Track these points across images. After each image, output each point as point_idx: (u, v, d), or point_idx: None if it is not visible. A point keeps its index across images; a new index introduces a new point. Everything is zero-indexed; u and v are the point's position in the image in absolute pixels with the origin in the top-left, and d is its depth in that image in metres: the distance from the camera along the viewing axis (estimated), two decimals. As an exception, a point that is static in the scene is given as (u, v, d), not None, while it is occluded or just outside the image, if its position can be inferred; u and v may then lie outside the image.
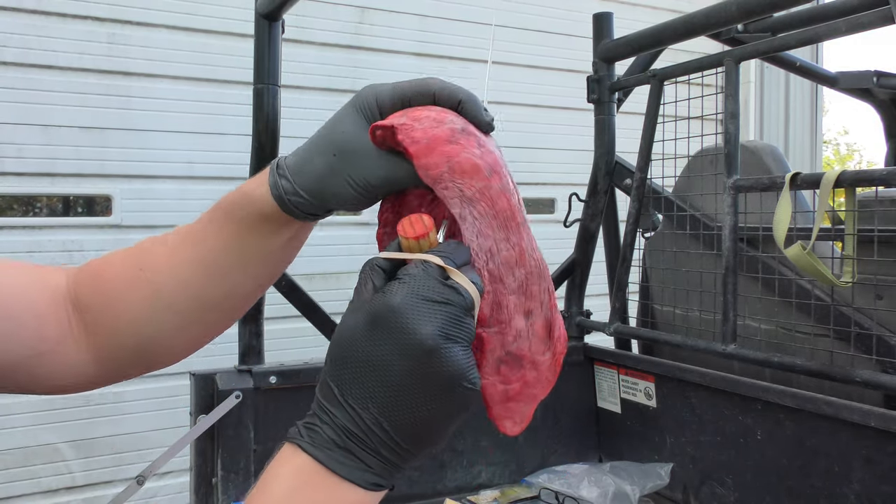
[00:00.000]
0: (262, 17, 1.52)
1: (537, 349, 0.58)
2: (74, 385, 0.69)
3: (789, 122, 4.59)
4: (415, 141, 0.55)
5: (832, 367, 1.29)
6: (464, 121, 0.58)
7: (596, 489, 1.59)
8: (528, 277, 0.58)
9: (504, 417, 0.60)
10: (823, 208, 1.27)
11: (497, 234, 0.56)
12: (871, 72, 2.04)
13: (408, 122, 0.56)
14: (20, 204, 2.81)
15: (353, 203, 0.61)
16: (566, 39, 3.74)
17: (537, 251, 0.59)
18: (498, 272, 0.56)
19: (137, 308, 0.66)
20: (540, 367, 0.59)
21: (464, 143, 0.56)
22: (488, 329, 0.57)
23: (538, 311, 0.58)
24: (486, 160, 0.56)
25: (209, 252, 0.66)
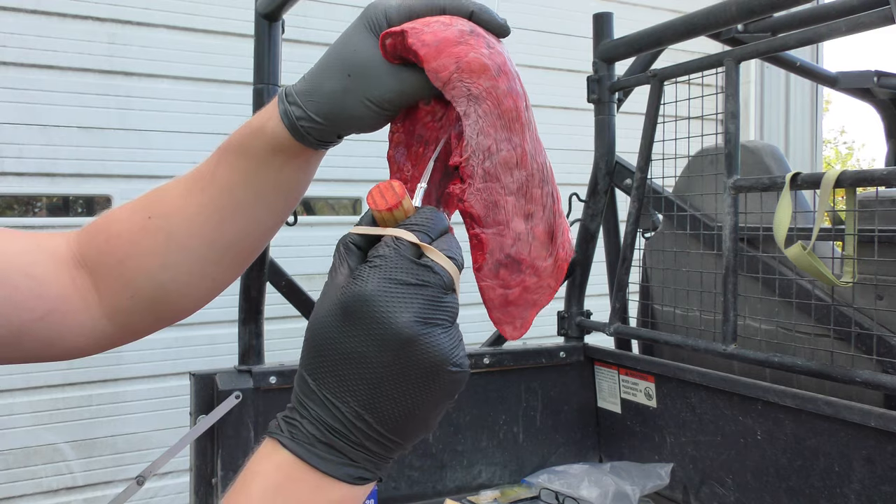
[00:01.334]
0: (262, 17, 1.52)
1: (538, 254, 0.57)
2: (88, 345, 0.67)
3: (789, 122, 4.59)
4: (425, 44, 0.54)
5: (832, 367, 1.29)
6: (473, 24, 0.58)
7: (596, 489, 1.59)
8: (529, 180, 0.57)
9: (504, 322, 0.59)
10: (824, 208, 1.27)
11: (499, 133, 0.56)
12: (872, 72, 2.04)
13: (417, 27, 0.55)
14: (20, 204, 2.81)
15: (369, 123, 0.59)
16: (566, 39, 3.74)
17: (542, 155, 0.58)
18: (494, 171, 0.55)
19: (150, 256, 0.65)
20: (541, 273, 0.58)
21: (473, 43, 0.55)
22: (486, 230, 0.56)
23: (539, 215, 0.57)
24: (494, 60, 0.56)
25: (221, 192, 0.64)
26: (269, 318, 1.70)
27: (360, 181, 3.35)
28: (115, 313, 0.66)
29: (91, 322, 0.66)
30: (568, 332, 1.98)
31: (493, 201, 0.56)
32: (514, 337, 0.59)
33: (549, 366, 1.85)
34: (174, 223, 0.65)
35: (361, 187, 3.36)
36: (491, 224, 0.56)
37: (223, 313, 2.89)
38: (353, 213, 3.42)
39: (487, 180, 0.55)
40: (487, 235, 0.56)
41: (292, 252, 2.97)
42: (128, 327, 0.68)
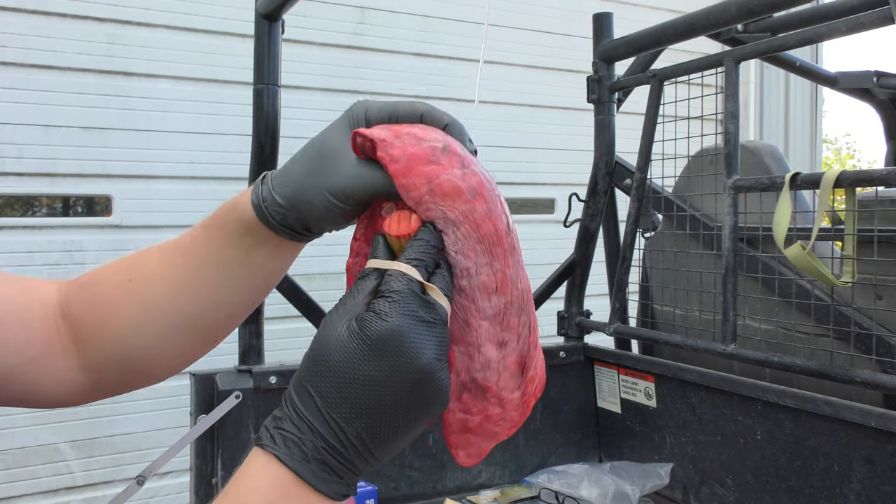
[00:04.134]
0: (262, 17, 1.52)
1: (506, 385, 0.55)
2: (66, 396, 0.68)
3: (789, 122, 4.59)
4: (393, 159, 0.53)
5: (832, 367, 1.29)
6: (447, 139, 0.56)
7: (596, 489, 1.59)
8: (507, 307, 0.54)
9: (458, 447, 0.58)
10: (823, 208, 1.27)
11: (479, 258, 0.53)
12: (871, 72, 2.05)
13: (388, 138, 0.54)
14: (20, 204, 2.81)
15: (328, 215, 0.59)
16: (566, 39, 3.74)
17: (524, 281, 0.56)
18: (471, 292, 0.54)
19: (126, 319, 0.66)
20: (506, 405, 0.56)
21: (445, 163, 0.53)
22: (456, 346, 0.55)
23: (513, 345, 0.55)
24: (468, 182, 0.53)
25: (195, 264, 0.65)
26: (268, 317, 1.70)
27: (360, 181, 3.35)
28: (89, 368, 0.68)
29: (69, 373, 0.67)
30: (568, 332, 1.98)
31: (465, 320, 0.54)
32: (466, 464, 0.58)
33: (548, 366, 1.84)
34: (150, 289, 0.66)
35: (361, 187, 3.35)
36: (460, 342, 0.55)
37: (223, 313, 2.90)
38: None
39: (462, 298, 0.54)
40: (456, 353, 0.55)
41: (292, 252, 2.97)
42: (98, 384, 0.69)
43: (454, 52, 3.55)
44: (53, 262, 2.77)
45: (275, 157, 1.58)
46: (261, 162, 1.57)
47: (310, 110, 3.17)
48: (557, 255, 2.13)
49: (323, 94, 3.23)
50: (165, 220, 2.95)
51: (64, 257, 2.79)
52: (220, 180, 3.03)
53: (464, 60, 3.58)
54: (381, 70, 3.38)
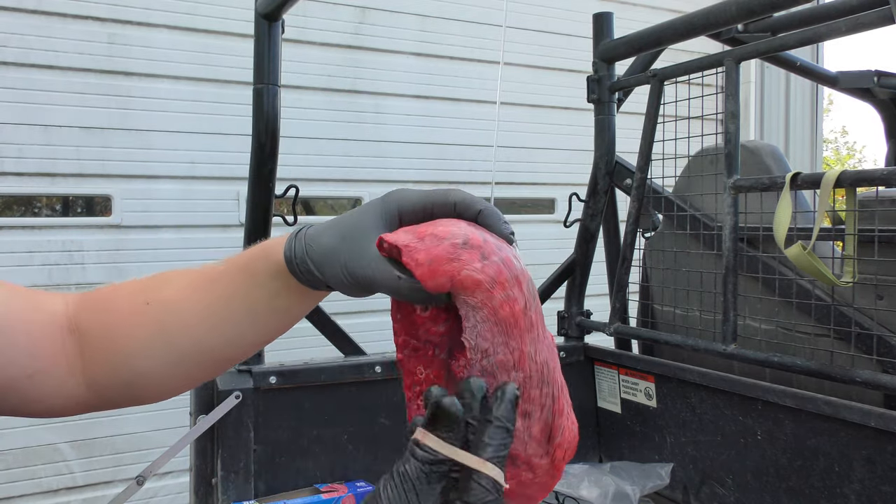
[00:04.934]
0: (262, 17, 1.52)
1: (534, 452, 0.58)
2: (65, 407, 0.69)
3: (789, 122, 4.59)
4: (419, 263, 0.56)
5: (832, 367, 1.29)
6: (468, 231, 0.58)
7: (596, 489, 1.59)
8: (527, 381, 0.57)
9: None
10: (824, 208, 1.27)
11: (496, 338, 0.57)
12: (872, 71, 2.04)
13: (412, 243, 0.57)
14: (20, 204, 2.81)
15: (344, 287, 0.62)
16: (566, 39, 3.74)
17: (543, 354, 0.59)
18: (491, 369, 0.57)
19: (138, 340, 0.67)
20: (536, 469, 0.59)
21: (465, 258, 0.56)
22: None
23: (537, 415, 0.58)
24: (487, 273, 0.56)
25: (218, 300, 0.67)
26: (269, 318, 1.70)
27: (360, 181, 3.35)
28: (92, 383, 0.68)
29: (72, 387, 0.68)
30: (568, 332, 1.98)
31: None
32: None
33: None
34: (169, 315, 0.67)
35: (361, 187, 3.36)
36: None
37: (223, 313, 2.90)
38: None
39: (485, 376, 0.57)
40: None
41: (292, 252, 2.97)
42: (100, 399, 0.70)
43: (454, 51, 3.55)
44: (53, 261, 2.77)
45: (275, 157, 1.58)
46: (261, 162, 1.57)
47: (310, 110, 3.17)
48: (557, 255, 2.13)
49: (323, 94, 3.23)
50: (165, 220, 2.95)
51: (63, 257, 2.79)
52: (220, 180, 3.03)
53: (464, 60, 3.58)
54: (381, 70, 3.38)
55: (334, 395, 1.65)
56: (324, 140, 3.21)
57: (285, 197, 1.68)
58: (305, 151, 3.14)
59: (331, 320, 1.73)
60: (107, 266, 2.86)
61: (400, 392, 0.63)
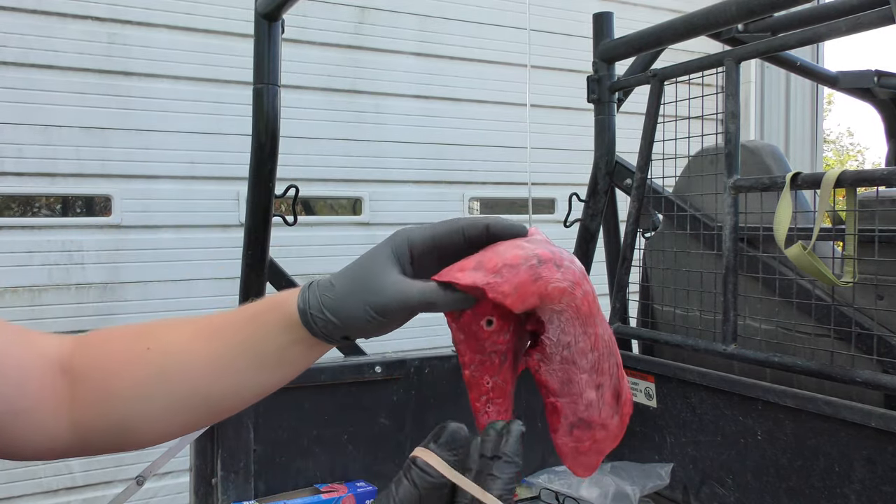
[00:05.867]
0: (262, 17, 1.52)
1: (607, 414, 0.65)
2: (45, 451, 0.68)
3: (790, 122, 4.59)
4: (507, 295, 0.59)
5: (833, 367, 1.29)
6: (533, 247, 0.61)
7: (596, 489, 1.59)
8: (600, 358, 0.64)
9: (576, 467, 0.67)
10: (824, 208, 1.27)
11: (577, 330, 0.62)
12: (872, 71, 2.04)
13: (493, 280, 0.59)
14: (20, 204, 2.81)
15: (367, 327, 0.62)
16: (566, 39, 3.75)
17: (608, 331, 0.65)
18: (571, 357, 0.63)
19: (136, 384, 0.66)
20: (609, 428, 0.66)
21: (546, 275, 0.60)
22: (560, 399, 0.64)
23: (608, 384, 0.65)
24: (567, 278, 0.60)
25: (224, 348, 0.66)
26: (269, 318, 1.70)
27: (360, 181, 3.35)
28: (80, 425, 0.67)
29: (57, 429, 0.67)
30: (568, 332, 1.98)
31: (568, 378, 0.63)
32: (585, 476, 0.68)
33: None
34: (170, 362, 0.66)
35: (361, 187, 3.36)
36: (566, 395, 0.64)
37: (223, 313, 2.89)
38: (353, 213, 3.41)
39: (564, 363, 0.63)
40: (562, 403, 0.64)
41: (292, 252, 2.97)
42: (86, 442, 0.69)
43: (454, 52, 3.55)
44: (53, 261, 2.77)
45: (275, 157, 1.58)
46: (261, 162, 1.57)
47: (309, 110, 3.17)
48: (557, 255, 2.13)
49: (323, 94, 3.23)
50: (165, 220, 2.95)
51: (63, 257, 2.79)
52: (220, 180, 3.03)
53: (464, 60, 3.58)
54: (380, 70, 3.38)
55: (334, 395, 1.65)
56: (324, 140, 3.21)
57: (285, 197, 1.68)
58: (305, 151, 3.14)
59: (331, 320, 1.73)
60: (107, 266, 2.86)
61: (400, 392, 0.64)
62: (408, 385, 1.70)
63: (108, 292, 2.87)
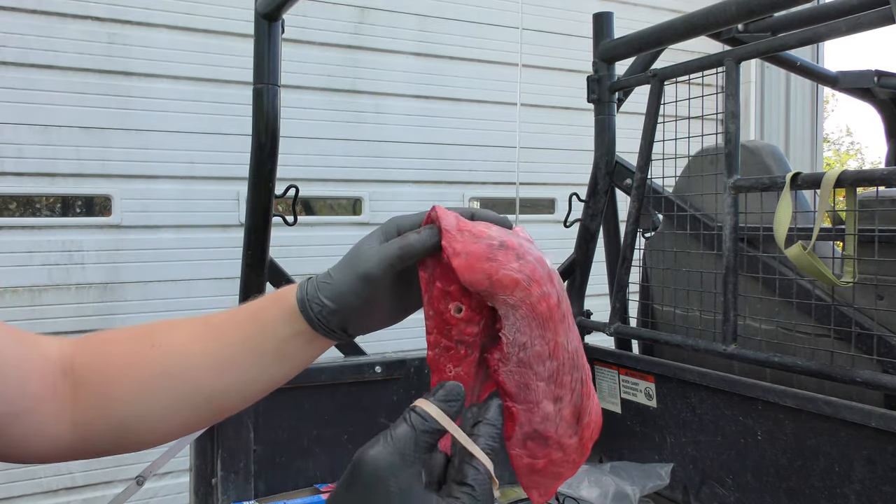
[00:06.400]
0: (262, 17, 1.51)
1: (564, 432, 0.63)
2: (48, 453, 0.68)
3: (790, 122, 4.59)
4: (455, 253, 0.59)
5: (833, 367, 1.29)
6: (503, 234, 0.61)
7: (596, 489, 1.59)
8: (560, 368, 0.62)
9: (530, 488, 0.65)
10: (824, 208, 1.27)
11: (533, 332, 0.61)
12: (872, 71, 2.04)
13: (453, 232, 0.60)
14: (20, 204, 2.81)
15: (357, 301, 0.63)
16: (566, 39, 3.74)
17: (573, 343, 0.64)
18: (528, 360, 0.61)
19: (138, 383, 0.66)
20: (566, 449, 0.64)
21: (502, 258, 0.59)
22: (517, 405, 0.62)
23: (568, 399, 0.63)
24: (524, 272, 0.60)
25: (226, 346, 0.67)
26: (268, 318, 1.69)
27: (360, 181, 3.35)
28: (81, 427, 0.67)
29: (57, 431, 0.67)
30: (568, 332, 1.98)
31: (525, 383, 0.62)
32: (539, 502, 0.66)
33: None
34: (173, 362, 0.67)
35: (361, 187, 3.36)
36: (522, 401, 0.62)
37: (223, 313, 2.89)
38: (353, 213, 3.41)
39: (521, 366, 0.61)
40: (518, 409, 0.62)
41: (292, 252, 2.97)
42: (88, 442, 0.69)
43: (454, 51, 3.55)
44: (53, 261, 2.77)
45: (275, 157, 1.58)
46: (261, 162, 1.57)
47: (309, 110, 3.17)
48: (557, 255, 2.13)
49: (323, 94, 3.23)
50: (165, 220, 2.95)
51: (63, 257, 2.79)
52: (220, 180, 3.03)
53: (464, 60, 3.58)
54: (380, 70, 3.38)
55: (334, 395, 1.65)
56: (324, 140, 3.21)
57: (285, 197, 1.68)
58: (305, 151, 3.14)
59: (331, 320, 1.73)
60: (107, 266, 2.86)
61: (399, 392, 0.64)
62: (408, 385, 1.70)
63: (108, 292, 2.87)
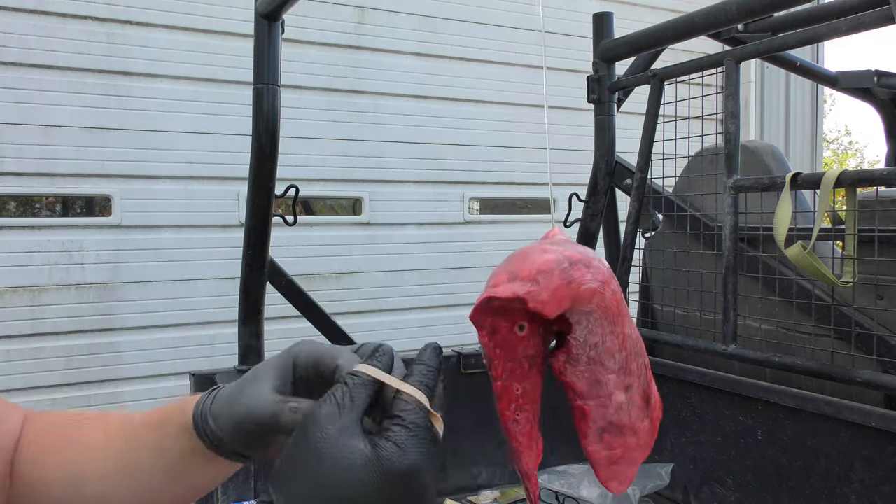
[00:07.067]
0: (262, 17, 1.51)
1: (637, 417, 0.64)
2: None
3: (790, 122, 4.59)
4: (545, 304, 0.57)
5: (833, 367, 1.29)
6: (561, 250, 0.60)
7: (596, 489, 1.59)
8: (628, 358, 0.63)
9: (609, 479, 0.65)
10: (824, 208, 1.27)
11: (605, 329, 0.61)
12: (872, 71, 2.04)
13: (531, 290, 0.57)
14: (19, 204, 2.81)
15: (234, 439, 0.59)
16: (566, 39, 3.74)
17: (636, 331, 0.64)
18: (598, 358, 0.61)
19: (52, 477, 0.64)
20: (640, 433, 0.65)
21: (577, 277, 0.59)
22: (588, 402, 0.62)
23: (636, 385, 0.64)
24: (597, 279, 0.59)
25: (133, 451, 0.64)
26: (268, 318, 1.70)
27: (360, 181, 3.35)
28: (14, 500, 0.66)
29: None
30: (568, 332, 1.98)
31: (595, 380, 0.62)
32: (619, 491, 0.65)
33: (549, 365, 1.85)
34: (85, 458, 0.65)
35: (360, 187, 3.36)
36: (593, 397, 0.62)
37: (223, 313, 2.89)
38: (353, 213, 3.41)
39: (591, 364, 0.61)
40: (590, 406, 0.63)
41: (292, 252, 2.97)
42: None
43: (454, 51, 3.55)
44: (53, 261, 2.77)
45: (274, 157, 1.58)
46: (261, 162, 1.57)
47: (309, 110, 3.17)
48: (557, 255, 2.13)
49: (323, 94, 3.23)
50: (165, 220, 2.95)
51: (63, 257, 2.79)
52: (220, 180, 3.03)
53: (464, 60, 3.58)
54: (380, 70, 3.38)
55: (334, 395, 1.64)
56: (324, 140, 3.21)
57: (285, 197, 1.68)
58: (305, 151, 3.14)
59: (331, 320, 1.73)
60: (107, 266, 2.86)
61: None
62: (408, 385, 1.70)
63: (108, 292, 2.86)
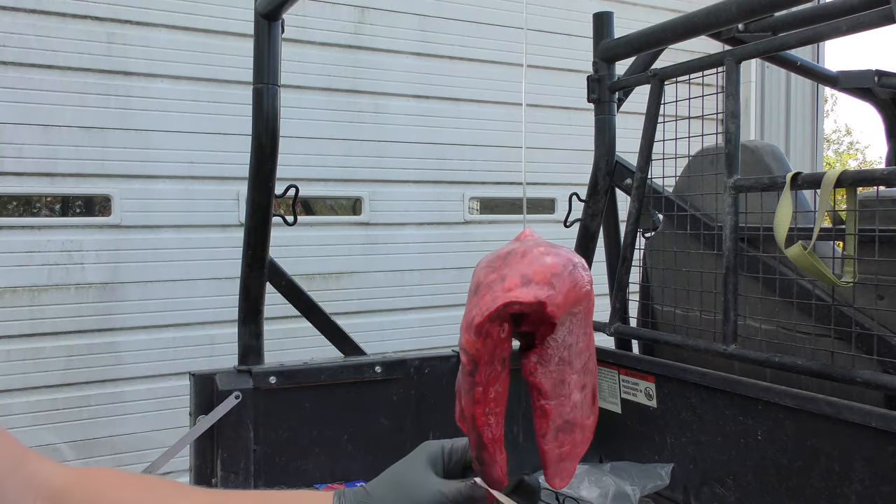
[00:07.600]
0: (262, 17, 1.51)
1: (585, 415, 0.66)
2: None
3: (790, 122, 4.59)
4: (560, 307, 0.59)
5: (833, 367, 1.29)
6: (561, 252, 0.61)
7: (596, 489, 1.59)
8: (590, 357, 0.65)
9: (555, 475, 0.68)
10: (824, 208, 1.27)
11: (581, 329, 0.63)
12: (872, 71, 2.04)
13: (550, 293, 0.59)
14: (19, 204, 2.81)
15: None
16: (566, 39, 3.74)
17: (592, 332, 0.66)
18: (569, 358, 0.63)
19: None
20: (586, 430, 0.67)
21: (579, 279, 0.60)
22: (550, 402, 0.64)
23: (590, 383, 0.66)
24: (588, 280, 0.61)
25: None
26: (268, 318, 1.69)
27: (360, 181, 3.35)
28: None
29: None
30: (568, 332, 1.98)
31: (562, 379, 0.63)
32: (562, 486, 0.68)
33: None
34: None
35: (361, 187, 3.36)
36: (556, 396, 0.64)
37: (223, 313, 2.89)
38: (353, 213, 3.41)
39: (561, 364, 0.62)
40: (552, 406, 0.64)
41: (292, 252, 2.97)
42: None
43: (454, 51, 3.54)
44: (53, 261, 2.77)
45: (275, 157, 1.58)
46: (261, 162, 1.57)
47: (309, 110, 3.17)
48: (557, 255, 2.13)
49: (323, 94, 3.23)
50: (165, 220, 2.95)
51: (63, 257, 2.79)
52: (220, 180, 3.03)
53: (464, 60, 3.58)
54: (380, 70, 3.37)
55: (334, 395, 1.65)
56: (324, 140, 3.21)
57: (285, 197, 1.68)
58: (305, 151, 3.14)
59: (331, 320, 1.73)
60: (106, 266, 2.86)
61: (399, 392, 0.65)
62: (408, 385, 1.70)
63: (108, 292, 2.86)
